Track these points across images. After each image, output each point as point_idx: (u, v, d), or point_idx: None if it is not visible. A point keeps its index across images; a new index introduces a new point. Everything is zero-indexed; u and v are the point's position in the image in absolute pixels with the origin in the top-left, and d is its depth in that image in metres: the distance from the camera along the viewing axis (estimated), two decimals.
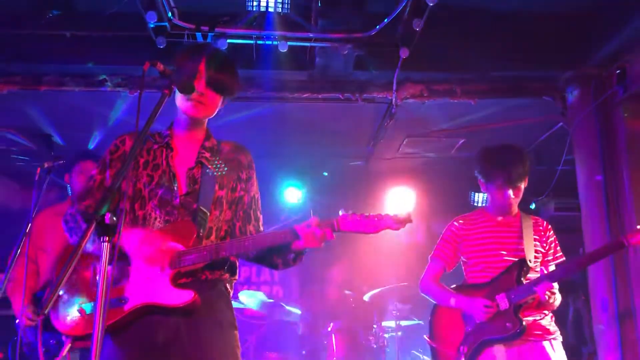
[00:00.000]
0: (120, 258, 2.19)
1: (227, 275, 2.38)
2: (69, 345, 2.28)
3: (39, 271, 3.95)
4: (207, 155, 2.44)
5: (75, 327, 2.21)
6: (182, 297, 2.15)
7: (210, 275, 2.30)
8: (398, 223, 2.26)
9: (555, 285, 3.13)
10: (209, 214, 2.33)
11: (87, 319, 2.22)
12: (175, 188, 2.33)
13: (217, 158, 2.45)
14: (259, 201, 2.56)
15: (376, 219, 2.27)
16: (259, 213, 2.54)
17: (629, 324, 4.20)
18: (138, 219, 2.30)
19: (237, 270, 2.46)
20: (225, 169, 2.45)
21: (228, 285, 2.41)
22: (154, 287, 2.17)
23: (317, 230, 2.22)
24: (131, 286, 2.19)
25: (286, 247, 2.31)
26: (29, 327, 3.73)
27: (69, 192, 4.10)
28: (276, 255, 2.39)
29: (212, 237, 2.33)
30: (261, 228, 2.52)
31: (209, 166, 2.40)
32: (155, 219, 2.29)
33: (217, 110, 2.48)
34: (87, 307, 2.23)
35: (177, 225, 2.27)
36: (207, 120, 2.51)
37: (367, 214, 2.28)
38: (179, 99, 2.37)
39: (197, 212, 2.31)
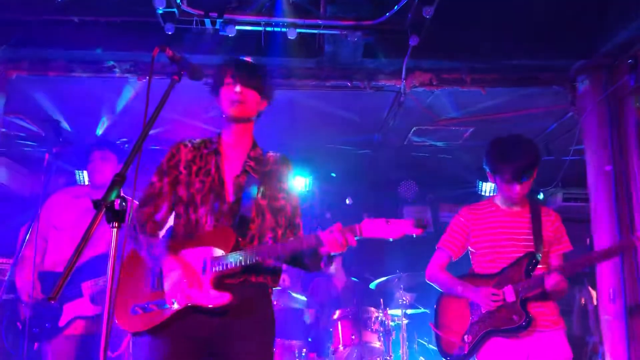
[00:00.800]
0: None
1: (269, 279, 2.57)
2: (129, 340, 2.63)
3: (47, 249, 3.99)
4: (252, 164, 2.62)
5: (134, 325, 2.43)
6: (220, 298, 2.35)
7: (254, 278, 2.51)
8: (417, 228, 2.41)
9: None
10: (251, 220, 2.51)
11: (144, 317, 2.43)
12: (224, 194, 2.52)
13: (262, 167, 2.64)
14: (298, 209, 2.75)
15: (397, 224, 2.42)
16: (297, 220, 2.73)
17: (637, 315, 4.18)
18: (191, 222, 2.50)
19: (280, 276, 2.67)
20: (269, 178, 2.64)
21: (270, 289, 2.62)
22: (196, 289, 2.37)
23: (339, 236, 2.36)
24: (176, 289, 2.37)
25: (314, 252, 2.47)
26: (26, 305, 3.77)
27: (77, 178, 4.13)
28: (307, 258, 2.57)
29: (255, 243, 2.52)
30: (300, 234, 2.71)
31: (254, 175, 2.59)
32: (206, 223, 2.48)
33: (258, 111, 2.68)
34: (144, 306, 2.46)
35: (218, 231, 2.46)
36: (252, 126, 2.71)
37: (387, 220, 2.42)
38: (222, 102, 2.59)
39: (241, 218, 2.49)
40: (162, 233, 2.62)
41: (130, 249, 2.60)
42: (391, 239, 2.41)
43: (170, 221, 2.64)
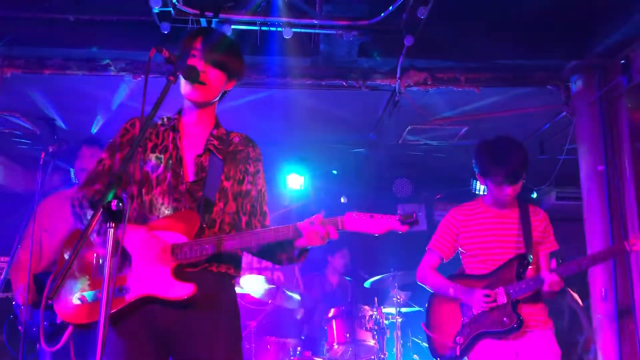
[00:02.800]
0: (123, 248, 2.19)
1: (232, 270, 2.36)
2: (70, 331, 2.28)
3: (42, 253, 3.98)
4: (216, 143, 2.39)
5: (78, 315, 2.19)
6: (182, 290, 2.13)
7: (215, 268, 2.28)
8: (404, 225, 2.25)
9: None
10: (214, 204, 2.30)
11: (89, 307, 2.19)
12: (182, 173, 2.29)
13: (226, 147, 2.41)
14: (266, 195, 2.53)
15: (381, 219, 2.26)
16: (265, 207, 2.51)
17: (628, 315, 4.22)
18: (145, 204, 2.27)
19: (241, 265, 2.46)
20: (234, 160, 2.40)
21: (233, 279, 2.40)
22: (156, 278, 2.15)
23: (320, 229, 2.20)
24: (133, 276, 2.18)
25: (289, 244, 2.29)
26: (24, 307, 3.77)
27: (72, 176, 4.13)
28: (280, 251, 2.38)
29: (216, 229, 2.30)
30: (267, 223, 2.49)
31: (218, 155, 2.36)
32: (162, 205, 2.26)
33: (222, 92, 2.42)
34: (89, 295, 2.21)
35: (181, 214, 2.24)
36: (215, 106, 2.46)
37: (372, 214, 2.26)
38: (182, 85, 2.32)
39: (202, 201, 2.27)
40: None
41: (73, 229, 2.38)
42: (376, 234, 2.26)
43: None
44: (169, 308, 2.15)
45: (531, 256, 3.27)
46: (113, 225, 1.62)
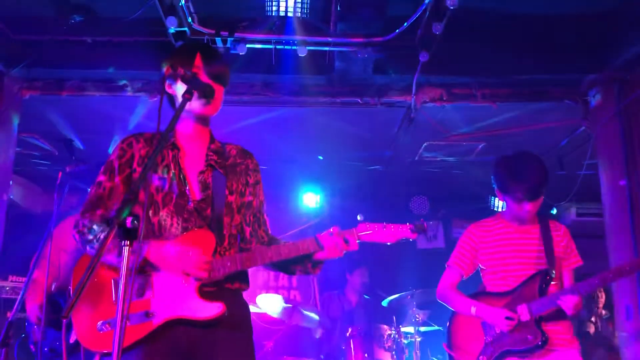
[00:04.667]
0: (141, 270, 2.18)
1: (245, 285, 2.37)
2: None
3: (59, 273, 3.99)
4: (215, 157, 2.39)
5: (104, 343, 2.15)
6: (211, 309, 2.15)
7: (231, 285, 2.29)
8: (414, 232, 2.35)
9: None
10: (223, 220, 2.31)
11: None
12: (188, 192, 2.28)
13: (225, 161, 2.42)
14: (265, 204, 2.55)
15: (393, 228, 2.34)
16: (266, 216, 2.54)
17: None
18: (153, 226, 2.24)
19: (248, 278, 2.46)
20: (234, 173, 2.42)
21: (243, 292, 2.40)
22: (181, 299, 2.15)
23: (339, 240, 2.26)
24: (157, 299, 2.17)
25: (306, 256, 2.31)
26: (37, 327, 3.77)
27: None
28: (294, 263, 2.38)
29: (225, 244, 2.30)
30: (269, 231, 2.52)
31: (219, 170, 2.36)
32: (172, 225, 2.24)
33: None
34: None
35: (195, 234, 2.24)
36: (210, 120, 2.47)
37: (384, 224, 2.34)
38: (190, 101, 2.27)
39: (212, 219, 2.28)
40: None
41: (81, 256, 2.34)
42: (389, 243, 2.35)
43: None
44: (194, 328, 2.16)
45: (554, 271, 3.20)
46: (128, 243, 1.60)
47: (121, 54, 4.42)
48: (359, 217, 2.42)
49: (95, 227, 2.22)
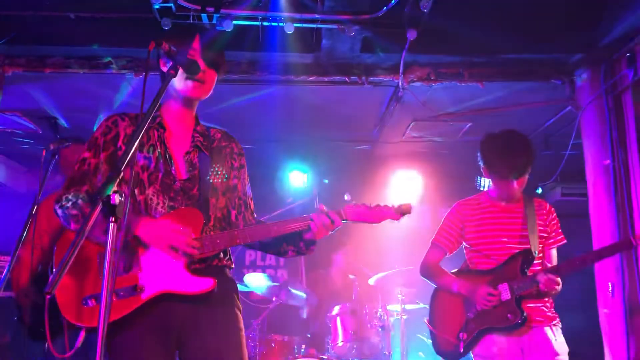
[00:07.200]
0: (127, 245, 2.18)
1: (230, 261, 2.42)
2: (84, 335, 2.20)
3: (44, 253, 3.97)
4: (201, 139, 2.43)
5: (89, 318, 2.13)
6: (202, 284, 2.17)
7: (218, 262, 2.33)
8: (399, 214, 2.39)
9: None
10: (209, 201, 2.34)
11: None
12: (173, 171, 2.30)
13: (210, 144, 2.45)
14: (249, 188, 2.59)
15: (379, 209, 2.39)
16: (250, 200, 2.57)
17: (637, 310, 4.17)
18: (140, 204, 2.26)
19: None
20: (219, 156, 2.45)
21: (229, 269, 2.44)
22: (170, 274, 2.17)
23: (325, 218, 2.30)
24: (145, 274, 2.18)
25: (297, 236, 2.36)
26: (27, 307, 3.75)
27: None
28: (286, 243, 2.42)
29: (211, 224, 2.33)
30: (255, 214, 2.57)
31: (205, 152, 2.40)
32: (158, 204, 2.26)
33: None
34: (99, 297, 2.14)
35: (183, 212, 2.26)
36: (197, 103, 2.49)
37: (370, 205, 2.39)
38: (178, 81, 2.32)
39: (198, 198, 2.30)
40: None
41: (64, 232, 2.32)
42: (375, 224, 2.39)
43: None
44: (183, 303, 2.18)
45: (536, 251, 3.23)
46: (113, 219, 1.59)
47: (105, 30, 4.34)
48: (345, 197, 2.45)
49: (80, 201, 2.21)
